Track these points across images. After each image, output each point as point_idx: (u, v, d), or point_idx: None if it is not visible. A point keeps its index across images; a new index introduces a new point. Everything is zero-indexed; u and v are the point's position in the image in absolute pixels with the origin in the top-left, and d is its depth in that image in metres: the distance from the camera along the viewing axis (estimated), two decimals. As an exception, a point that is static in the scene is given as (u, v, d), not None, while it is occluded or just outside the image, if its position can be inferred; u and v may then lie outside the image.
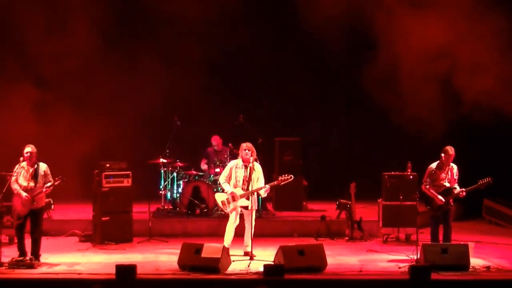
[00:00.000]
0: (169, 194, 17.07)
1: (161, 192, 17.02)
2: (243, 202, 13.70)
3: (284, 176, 13.78)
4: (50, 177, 13.29)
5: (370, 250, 14.67)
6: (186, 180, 16.89)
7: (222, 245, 12.81)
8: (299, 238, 15.69)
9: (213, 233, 15.82)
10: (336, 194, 16.44)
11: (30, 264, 12.79)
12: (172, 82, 19.00)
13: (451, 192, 13.70)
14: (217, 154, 17.15)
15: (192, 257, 12.71)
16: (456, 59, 16.90)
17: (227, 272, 12.64)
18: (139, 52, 19.02)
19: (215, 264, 12.51)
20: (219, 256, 12.56)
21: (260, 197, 14.87)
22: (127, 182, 15.42)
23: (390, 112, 17.52)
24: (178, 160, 17.00)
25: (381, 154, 18.74)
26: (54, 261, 13.32)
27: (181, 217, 16.50)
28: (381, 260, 13.73)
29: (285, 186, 14.48)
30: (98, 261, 13.53)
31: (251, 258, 13.41)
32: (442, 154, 13.74)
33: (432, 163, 13.86)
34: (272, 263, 12.86)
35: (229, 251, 13.39)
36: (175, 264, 12.91)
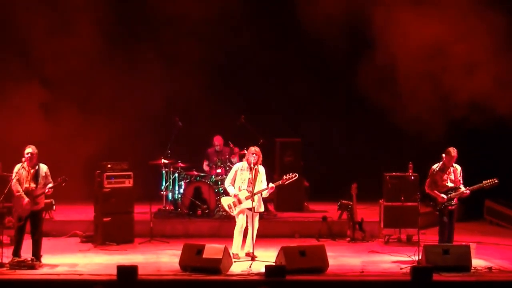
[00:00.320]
0: (170, 195, 17.06)
1: (162, 192, 17.00)
2: (248, 204, 13.68)
3: (288, 175, 13.77)
4: (50, 178, 13.28)
5: (372, 251, 14.67)
6: (187, 180, 16.88)
7: (223, 246, 12.78)
8: (300, 239, 15.70)
9: (214, 234, 15.83)
10: (337, 195, 16.42)
11: (31, 265, 12.78)
12: (173, 83, 18.99)
13: (455, 191, 13.66)
14: (218, 154, 17.13)
15: (193, 258, 12.71)
16: (457, 59, 16.91)
17: (228, 273, 12.64)
18: (141, 53, 19.02)
19: (217, 265, 12.50)
20: (221, 257, 12.55)
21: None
22: (128, 183, 15.42)
23: (391, 113, 17.51)
24: (179, 161, 16.98)
25: (382, 155, 18.71)
26: (55, 262, 13.32)
27: (182, 218, 16.50)
28: (383, 261, 13.73)
29: (287, 187, 14.47)
30: (99, 262, 13.54)
31: (253, 259, 13.41)
32: (444, 155, 13.72)
33: (435, 165, 13.84)
34: (274, 264, 12.85)
35: (238, 257, 13.51)
36: (176, 265, 12.91)
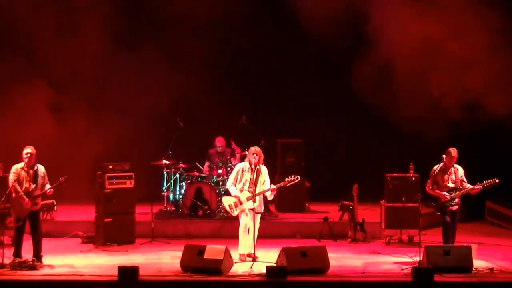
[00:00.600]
0: (171, 196, 17.06)
1: (163, 193, 17.00)
2: (250, 205, 13.64)
3: (290, 177, 13.73)
4: (47, 178, 13.29)
5: (373, 252, 14.66)
6: (188, 181, 16.86)
7: (224, 246, 12.77)
8: (301, 239, 15.69)
9: (215, 234, 15.83)
10: (338, 196, 16.41)
11: (32, 265, 12.78)
12: (176, 84, 18.97)
13: (455, 191, 13.65)
14: (220, 155, 17.12)
15: (194, 258, 12.70)
16: (456, 58, 16.92)
17: (229, 273, 12.63)
18: (144, 54, 18.99)
19: (218, 266, 12.49)
20: (222, 257, 12.55)
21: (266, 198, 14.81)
22: (129, 184, 15.41)
23: (392, 113, 17.50)
24: (180, 162, 16.98)
25: (383, 156, 18.70)
26: (56, 263, 13.31)
27: (183, 219, 16.49)
28: (384, 262, 13.72)
29: (288, 188, 14.46)
30: (100, 263, 13.53)
31: (254, 259, 13.41)
32: (444, 156, 13.71)
33: (436, 165, 13.83)
34: (275, 264, 12.85)
35: (245, 258, 13.48)
36: (177, 266, 12.90)
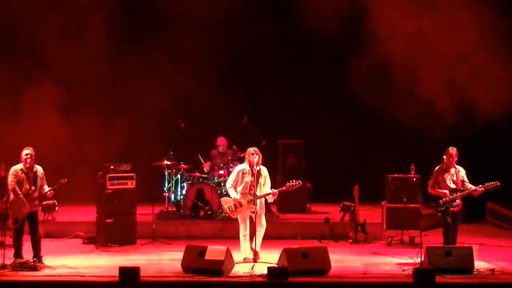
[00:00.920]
0: (173, 196, 17.06)
1: (165, 194, 17.00)
2: (250, 208, 13.62)
3: (292, 182, 13.68)
4: (45, 179, 13.29)
5: (374, 253, 14.65)
6: (190, 182, 16.86)
7: (225, 247, 12.76)
8: (302, 240, 15.68)
9: (217, 235, 15.83)
10: (339, 197, 16.40)
11: (33, 266, 12.79)
12: (177, 84, 18.97)
13: (456, 192, 13.65)
14: (221, 156, 17.11)
15: (195, 259, 12.70)
16: (457, 58, 16.93)
17: (230, 274, 12.62)
18: (146, 55, 19.00)
19: (219, 267, 12.49)
20: (223, 258, 12.54)
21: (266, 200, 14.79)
22: (131, 184, 15.41)
23: (393, 114, 17.50)
24: (182, 162, 16.98)
25: (385, 156, 18.68)
26: (57, 263, 13.30)
27: (184, 219, 16.49)
28: (385, 263, 13.71)
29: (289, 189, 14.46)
30: (101, 263, 13.52)
31: (255, 260, 13.41)
32: (444, 156, 13.73)
33: (437, 166, 13.84)
34: (276, 265, 12.85)
35: (249, 259, 13.46)
36: (178, 267, 12.90)
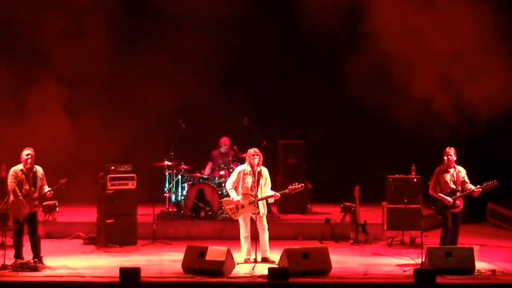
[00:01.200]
0: (173, 197, 17.04)
1: (165, 194, 16.98)
2: (251, 210, 13.61)
3: (295, 185, 13.67)
4: (45, 180, 13.29)
5: (375, 253, 14.65)
6: (190, 182, 16.84)
7: (226, 248, 12.76)
8: (303, 241, 15.67)
9: (217, 236, 15.82)
10: (340, 197, 16.38)
11: (34, 267, 12.79)
12: (178, 85, 18.96)
13: (456, 194, 13.65)
14: (222, 156, 17.09)
15: (196, 260, 12.70)
16: (457, 58, 16.94)
17: (231, 275, 12.63)
18: (148, 55, 18.99)
19: (220, 267, 12.49)
20: (224, 259, 12.54)
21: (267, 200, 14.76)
22: (131, 185, 15.41)
23: (394, 114, 17.50)
24: (182, 163, 16.97)
25: (385, 157, 18.68)
26: (58, 264, 13.30)
27: (185, 220, 16.48)
28: (386, 264, 13.71)
29: (290, 189, 14.46)
30: (102, 264, 13.53)
31: (256, 261, 13.40)
32: (444, 157, 13.75)
33: (438, 167, 13.84)
34: (277, 266, 12.85)
35: (250, 260, 13.45)
36: (179, 267, 12.90)
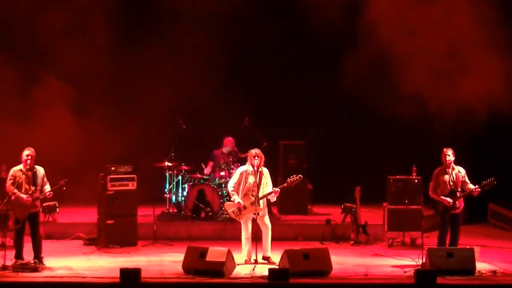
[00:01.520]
0: (174, 198, 17.04)
1: (166, 195, 16.99)
2: (254, 210, 13.58)
3: (292, 177, 13.68)
4: (46, 179, 13.29)
5: (375, 254, 14.64)
6: (191, 183, 16.84)
7: (227, 248, 12.77)
8: (304, 242, 15.67)
9: (218, 236, 15.82)
10: (341, 198, 16.37)
11: (34, 267, 12.79)
12: (179, 85, 18.95)
13: (455, 194, 13.64)
14: (224, 156, 17.06)
15: (196, 260, 12.69)
16: (456, 58, 16.95)
17: (231, 276, 12.63)
18: (146, 55, 18.98)
19: (220, 268, 12.49)
20: (224, 259, 12.54)
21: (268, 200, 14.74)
22: (132, 185, 15.42)
23: (395, 115, 17.49)
24: (183, 163, 16.96)
25: (386, 158, 18.66)
26: (58, 265, 13.31)
27: (186, 221, 16.47)
28: (387, 264, 13.70)
29: (290, 190, 14.43)
30: (102, 265, 13.53)
31: (256, 261, 13.39)
32: (442, 157, 13.76)
33: (438, 168, 13.84)
34: (277, 267, 12.84)
35: (250, 261, 13.44)
36: (179, 268, 12.90)
